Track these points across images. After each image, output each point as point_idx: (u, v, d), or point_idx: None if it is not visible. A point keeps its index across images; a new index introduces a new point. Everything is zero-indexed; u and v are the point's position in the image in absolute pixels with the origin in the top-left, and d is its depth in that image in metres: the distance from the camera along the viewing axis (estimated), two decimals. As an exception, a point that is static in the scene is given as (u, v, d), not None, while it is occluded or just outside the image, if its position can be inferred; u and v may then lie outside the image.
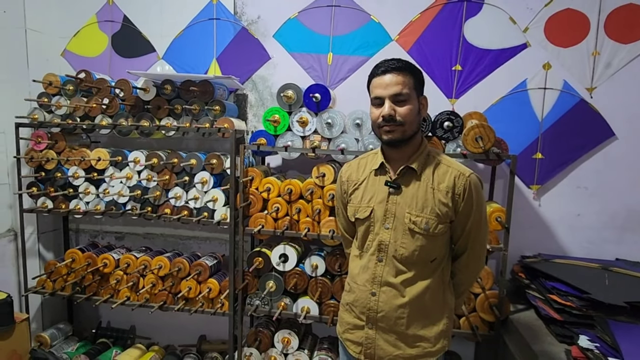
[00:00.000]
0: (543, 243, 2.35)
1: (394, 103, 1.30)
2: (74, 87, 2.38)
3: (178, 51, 2.63)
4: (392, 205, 1.37)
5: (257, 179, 2.21)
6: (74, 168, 2.40)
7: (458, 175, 1.34)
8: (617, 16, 2.19)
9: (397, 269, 1.36)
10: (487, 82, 2.34)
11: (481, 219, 1.37)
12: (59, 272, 2.45)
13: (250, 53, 2.56)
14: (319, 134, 2.15)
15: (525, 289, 2.12)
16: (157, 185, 2.30)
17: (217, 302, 2.32)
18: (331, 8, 2.45)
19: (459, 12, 2.33)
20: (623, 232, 2.28)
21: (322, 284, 2.17)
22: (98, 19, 2.70)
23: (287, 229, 2.15)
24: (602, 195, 2.28)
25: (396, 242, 1.36)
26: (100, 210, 2.37)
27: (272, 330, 2.33)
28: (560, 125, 2.28)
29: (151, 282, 2.34)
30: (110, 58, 2.72)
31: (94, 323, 2.86)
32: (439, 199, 1.33)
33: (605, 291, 1.78)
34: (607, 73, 2.22)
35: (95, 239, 2.84)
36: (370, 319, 1.39)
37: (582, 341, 1.60)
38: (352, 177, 1.50)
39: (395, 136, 1.31)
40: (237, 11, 2.56)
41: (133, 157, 2.32)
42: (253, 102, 2.60)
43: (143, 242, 2.78)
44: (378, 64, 1.36)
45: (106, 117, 2.34)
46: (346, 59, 2.47)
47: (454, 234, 1.39)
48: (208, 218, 2.27)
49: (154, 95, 2.28)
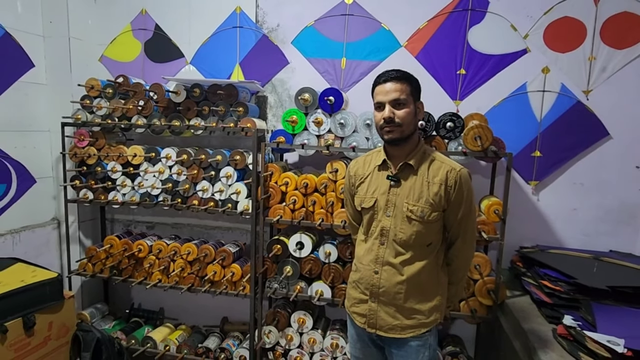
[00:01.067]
0: (541, 235, 2.52)
1: (393, 107, 1.51)
2: (112, 90, 2.65)
3: (204, 57, 2.88)
4: (393, 196, 1.58)
5: (276, 173, 2.44)
6: (112, 163, 2.67)
7: (450, 170, 1.54)
8: (612, 23, 2.34)
9: (396, 251, 1.57)
10: (489, 85, 2.52)
11: (471, 208, 1.57)
12: (98, 257, 2.73)
13: (270, 58, 2.79)
14: (333, 133, 2.37)
15: (521, 276, 2.30)
16: (186, 179, 2.55)
17: (239, 285, 2.56)
18: (345, 17, 2.66)
19: (463, 20, 2.51)
20: (617, 225, 2.43)
21: (335, 270, 2.39)
22: (132, 27, 2.97)
23: (303, 219, 2.37)
24: (597, 190, 2.44)
25: (396, 227, 1.57)
26: (136, 201, 2.63)
27: (289, 312, 2.56)
28: (557, 125, 2.44)
29: (180, 267, 2.59)
30: (143, 63, 2.98)
31: (127, 304, 3.15)
32: (433, 191, 1.53)
33: (592, 277, 1.95)
34: (603, 77, 2.38)
35: (128, 228, 3.12)
36: (373, 293, 1.61)
37: (566, 320, 1.78)
38: (358, 172, 1.72)
39: (394, 136, 1.53)
40: (259, 20, 2.79)
41: (165, 154, 2.58)
42: (272, 104, 2.83)
43: (172, 231, 3.04)
44: (380, 74, 1.57)
45: (141, 117, 2.60)
46: (358, 63, 2.67)
47: (447, 222, 1.59)
48: (232, 209, 2.51)
49: (184, 97, 2.52)
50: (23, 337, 2.11)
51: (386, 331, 1.60)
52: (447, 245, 1.66)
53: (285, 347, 2.52)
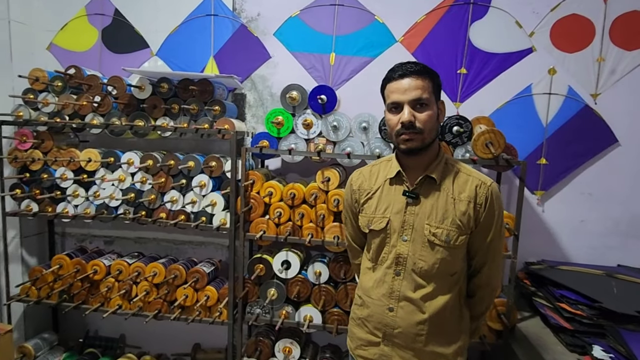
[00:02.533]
0: (546, 249, 2.34)
1: (413, 108, 1.24)
2: (62, 83, 2.25)
3: (173, 48, 2.52)
4: (410, 216, 1.31)
5: (258, 182, 2.12)
6: (62, 169, 2.26)
7: (479, 184, 1.29)
8: (622, 23, 2.19)
9: (416, 283, 1.30)
10: (492, 86, 2.31)
11: (501, 230, 1.33)
12: (45, 279, 2.31)
13: (249, 51, 2.47)
14: (324, 137, 2.08)
15: (531, 296, 2.10)
16: (152, 188, 2.19)
17: (214, 311, 2.22)
18: (334, 7, 2.38)
19: (464, 15, 2.30)
20: (626, 239, 2.28)
21: (326, 292, 2.11)
22: (87, 12, 2.57)
23: (289, 234, 2.07)
24: (606, 201, 2.28)
25: (415, 254, 1.30)
26: (91, 214, 2.24)
27: (273, 340, 2.25)
28: (564, 131, 2.27)
29: (145, 290, 2.23)
30: (101, 53, 2.58)
31: (81, 332, 2.73)
32: (460, 210, 1.27)
33: (616, 300, 1.76)
34: (612, 79, 2.22)
35: (82, 244, 2.70)
36: (387, 335, 1.33)
37: (596, 352, 1.58)
38: (363, 186, 1.43)
39: (414, 144, 1.25)
40: (236, 7, 2.46)
41: (126, 159, 2.20)
42: (252, 102, 2.50)
43: (134, 246, 2.66)
44: (394, 67, 1.29)
45: (97, 115, 2.22)
46: (349, 59, 2.40)
47: (473, 247, 1.34)
48: (206, 223, 2.17)
49: (149, 93, 2.17)
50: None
51: (402, 381, 1.32)
52: (470, 273, 1.40)
53: (268, 380, 2.21)
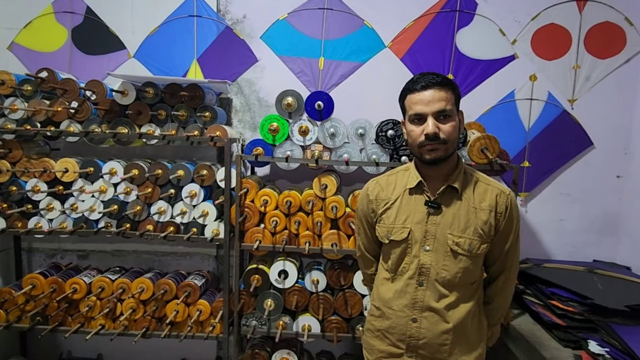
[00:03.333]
0: (530, 248, 2.44)
1: (437, 120, 1.24)
2: (32, 87, 2.06)
3: (153, 50, 2.39)
4: (432, 226, 1.31)
5: (252, 191, 2.06)
6: (34, 180, 2.08)
7: (499, 194, 1.32)
8: (595, 32, 2.33)
9: (439, 292, 1.31)
10: (478, 92, 2.38)
11: (518, 238, 1.37)
12: (14, 302, 2.11)
13: (235, 55, 2.39)
14: (321, 144, 2.05)
15: (521, 294, 2.18)
16: (138, 199, 2.06)
17: (207, 325, 2.13)
18: (323, 11, 2.35)
19: (451, 22, 2.35)
20: (600, 236, 2.43)
21: (324, 300, 2.08)
22: (55, 10, 2.37)
23: (286, 243, 2.02)
24: (582, 201, 2.42)
25: (438, 264, 1.30)
26: (68, 229, 2.07)
27: (269, 351, 2.19)
28: (545, 134, 2.38)
29: (131, 308, 2.10)
30: (71, 54, 2.39)
31: (51, 355, 2.53)
32: (482, 219, 1.29)
33: (604, 296, 1.86)
34: (587, 86, 2.35)
35: (53, 259, 2.50)
36: (411, 346, 1.33)
37: (592, 346, 1.66)
38: (381, 196, 1.42)
39: (438, 155, 1.25)
40: (221, 9, 2.37)
41: (108, 168, 2.05)
42: (238, 107, 2.42)
43: (112, 260, 2.49)
44: (414, 78, 1.29)
45: (75, 122, 2.05)
46: (338, 64, 2.38)
47: (492, 255, 1.37)
48: (198, 234, 2.08)
49: (133, 99, 2.03)
50: None
51: (426, 392, 1.32)
52: (487, 281, 1.43)
53: (266, 394, 2.15)
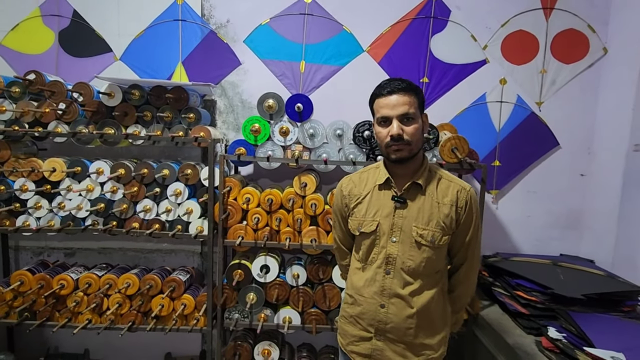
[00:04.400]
0: (500, 243, 2.58)
1: (401, 122, 1.35)
2: (21, 89, 2.12)
3: (138, 53, 2.46)
4: (399, 219, 1.42)
5: (235, 189, 2.15)
6: (22, 180, 2.13)
7: (460, 190, 1.43)
8: (561, 39, 2.47)
9: (405, 280, 1.41)
10: (451, 94, 2.51)
11: (478, 231, 1.48)
12: (2, 298, 2.17)
13: (219, 58, 2.47)
14: (301, 144, 2.15)
15: (490, 286, 2.31)
16: (124, 197, 2.14)
17: (191, 319, 2.21)
18: (304, 16, 2.45)
19: (426, 28, 2.46)
20: (564, 230, 2.58)
21: (304, 293, 2.18)
22: (42, 13, 2.43)
23: (268, 239, 2.12)
24: (548, 198, 2.56)
25: (404, 254, 1.41)
26: (56, 227, 2.14)
27: (251, 343, 2.28)
28: (514, 135, 2.51)
29: (117, 302, 2.17)
30: (58, 56, 2.45)
31: (39, 350, 2.58)
32: (444, 213, 1.40)
33: (563, 285, 2.00)
34: (553, 89, 2.50)
35: (40, 257, 2.55)
36: (379, 330, 1.43)
37: (551, 332, 1.79)
38: (353, 192, 1.53)
39: (403, 154, 1.36)
40: (205, 13, 2.45)
41: (95, 168, 2.12)
42: (222, 109, 2.51)
43: (98, 257, 2.56)
44: (381, 84, 1.39)
45: (62, 123, 2.12)
46: (319, 67, 2.48)
47: (454, 246, 1.48)
48: (182, 231, 2.16)
49: (119, 101, 2.10)
50: None
51: (393, 372, 1.44)
52: (450, 271, 1.55)
53: (249, 384, 2.25)
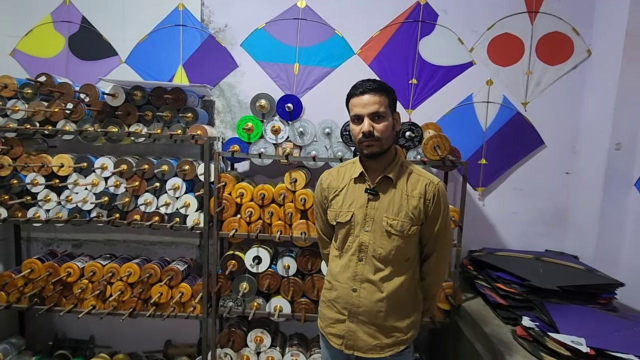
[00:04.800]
0: (487, 238, 2.66)
1: (372, 120, 1.46)
2: (32, 90, 2.28)
3: (142, 56, 2.61)
4: (372, 210, 1.53)
5: (229, 184, 2.28)
6: (33, 175, 2.30)
7: (428, 183, 1.54)
8: (545, 41, 2.55)
9: (375, 267, 1.53)
10: (439, 95, 2.61)
11: (447, 222, 1.58)
12: (14, 284, 2.33)
13: (217, 61, 2.61)
14: (291, 142, 2.27)
15: (473, 279, 2.40)
16: (126, 191, 2.28)
17: (188, 306, 2.34)
18: (297, 21, 2.58)
19: (414, 31, 2.57)
20: (550, 227, 2.65)
21: (294, 283, 2.30)
22: (53, 19, 2.60)
23: (260, 232, 2.24)
24: (533, 195, 2.64)
25: (375, 243, 1.52)
26: (63, 218, 2.29)
27: (245, 330, 2.41)
28: (500, 134, 2.60)
29: (119, 290, 2.31)
30: (67, 60, 2.62)
31: (48, 335, 2.74)
32: (413, 204, 1.51)
33: (541, 278, 2.09)
34: (538, 90, 2.58)
35: (49, 247, 2.72)
36: (352, 313, 1.55)
37: (525, 321, 1.88)
38: (332, 185, 1.64)
39: (374, 150, 1.48)
40: (204, 19, 2.60)
41: (100, 164, 2.28)
42: (220, 109, 2.65)
43: (104, 249, 2.71)
44: (356, 84, 1.51)
45: (70, 122, 2.28)
46: (312, 69, 2.61)
47: (424, 236, 1.58)
48: (180, 223, 2.30)
49: (122, 101, 2.26)
50: None
51: (365, 352, 1.54)
52: (422, 259, 1.65)
53: (242, 369, 2.37)
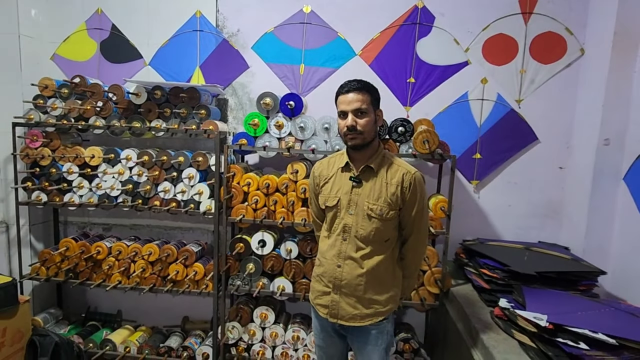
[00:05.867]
0: (482, 229, 2.80)
1: (355, 116, 1.66)
2: (68, 90, 2.61)
3: (164, 59, 2.90)
4: (355, 196, 1.73)
5: (238, 174, 2.52)
6: (68, 164, 2.62)
7: (406, 173, 1.72)
8: (539, 41, 2.66)
9: (357, 246, 1.73)
10: (435, 93, 2.76)
11: (424, 208, 1.76)
12: (53, 260, 2.66)
13: (230, 62, 2.86)
14: (293, 136, 2.49)
15: (464, 266, 2.55)
16: (148, 180, 2.57)
17: (202, 284, 2.61)
18: (303, 25, 2.79)
19: (412, 33, 2.73)
20: (544, 219, 2.76)
21: (296, 266, 2.52)
22: (87, 27, 2.93)
23: (265, 218, 2.47)
24: (528, 189, 2.75)
25: (357, 224, 1.72)
26: (94, 203, 2.61)
27: (252, 307, 2.65)
28: (494, 130, 2.73)
29: (141, 267, 2.61)
30: (99, 63, 2.94)
31: (82, 308, 3.09)
32: (391, 191, 1.70)
33: (523, 264, 2.22)
34: (532, 88, 2.69)
35: (84, 230, 3.06)
36: (336, 286, 1.76)
37: (501, 302, 2.02)
38: (323, 173, 1.85)
39: (357, 142, 1.68)
40: (219, 24, 2.85)
41: (125, 155, 2.58)
42: (233, 106, 2.90)
43: (130, 232, 3.02)
44: (342, 84, 1.71)
45: (100, 118, 2.58)
46: (316, 70, 2.82)
47: (402, 220, 1.76)
48: (194, 209, 2.57)
49: (145, 99, 2.54)
50: (-24, 344, 2.06)
51: (347, 320, 1.75)
52: (402, 241, 1.83)
53: (248, 342, 2.61)
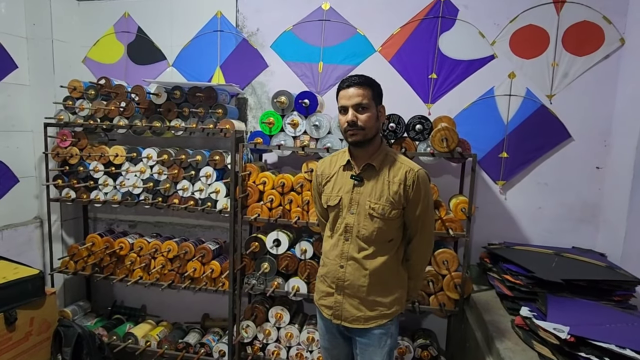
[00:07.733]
0: (508, 232, 2.64)
1: (356, 111, 1.60)
2: (95, 91, 2.71)
3: (186, 59, 2.96)
4: (357, 195, 1.67)
5: (254, 173, 2.52)
6: (94, 163, 2.73)
7: (408, 170, 1.64)
8: (573, 31, 2.47)
9: (359, 246, 1.67)
10: (459, 89, 2.63)
11: (428, 207, 1.67)
12: (80, 255, 2.78)
13: (250, 61, 2.87)
14: (308, 135, 2.46)
15: (488, 272, 2.41)
16: (167, 178, 2.62)
17: (218, 282, 2.63)
18: (322, 22, 2.76)
19: (434, 27, 2.63)
20: (579, 223, 2.55)
21: (310, 266, 2.48)
22: (115, 30, 3.04)
23: (279, 217, 2.45)
24: (560, 190, 2.56)
25: (359, 224, 1.66)
26: (117, 200, 2.69)
27: (267, 307, 2.64)
28: (523, 128, 2.56)
29: (161, 264, 2.66)
30: (126, 65, 3.04)
31: (109, 302, 3.20)
32: (393, 190, 1.63)
33: (549, 271, 2.06)
34: (565, 82, 2.50)
35: (111, 227, 3.18)
36: (339, 287, 1.70)
37: (523, 311, 1.89)
38: (325, 172, 1.81)
39: (357, 138, 1.62)
40: (239, 24, 2.87)
41: (146, 154, 2.65)
42: (252, 105, 2.91)
43: (153, 229, 3.11)
44: (343, 79, 1.65)
45: (123, 118, 2.67)
46: (335, 67, 2.77)
47: (407, 219, 1.69)
48: (211, 207, 2.59)
49: (164, 99, 2.60)
50: (4, 332, 2.17)
51: (351, 322, 1.69)
52: (406, 241, 1.75)
53: (263, 341, 2.60)
